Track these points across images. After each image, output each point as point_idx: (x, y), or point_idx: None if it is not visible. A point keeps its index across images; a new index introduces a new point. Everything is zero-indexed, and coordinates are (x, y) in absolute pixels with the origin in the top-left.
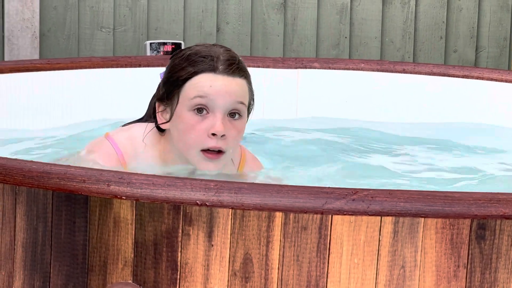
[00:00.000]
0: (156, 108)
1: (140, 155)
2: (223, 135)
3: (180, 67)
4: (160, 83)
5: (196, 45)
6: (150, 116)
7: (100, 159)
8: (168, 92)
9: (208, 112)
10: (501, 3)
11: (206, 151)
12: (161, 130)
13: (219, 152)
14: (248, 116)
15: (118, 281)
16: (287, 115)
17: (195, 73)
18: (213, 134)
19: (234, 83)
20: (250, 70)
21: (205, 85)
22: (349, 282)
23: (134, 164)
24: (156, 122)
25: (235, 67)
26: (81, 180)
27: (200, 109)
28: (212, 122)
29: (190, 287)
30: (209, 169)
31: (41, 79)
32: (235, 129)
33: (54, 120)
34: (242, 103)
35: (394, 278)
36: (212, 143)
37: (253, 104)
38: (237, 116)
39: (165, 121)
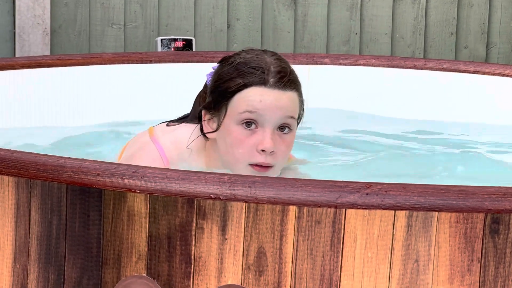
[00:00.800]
0: (203, 116)
1: (184, 161)
2: (272, 152)
3: (228, 77)
4: (205, 84)
5: (246, 52)
6: (195, 117)
7: (147, 163)
8: (215, 102)
9: (257, 127)
10: None
11: (254, 165)
12: (205, 136)
13: (268, 166)
14: (298, 124)
15: (132, 275)
16: None
17: (245, 86)
18: (262, 150)
19: (285, 97)
20: None
21: (255, 99)
22: (363, 276)
23: (180, 166)
24: (201, 127)
25: (286, 79)
26: (95, 173)
27: (249, 123)
28: (261, 137)
29: (203, 280)
30: None
31: (52, 75)
32: (284, 144)
33: (65, 116)
34: (292, 117)
35: (408, 272)
36: (261, 159)
37: (303, 114)
38: (286, 130)
39: (212, 130)
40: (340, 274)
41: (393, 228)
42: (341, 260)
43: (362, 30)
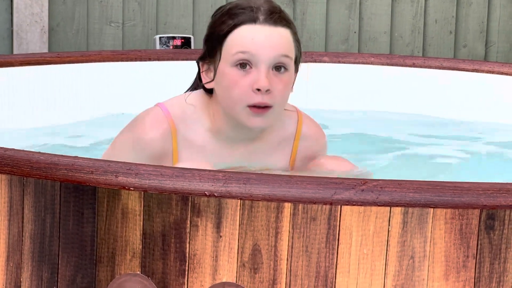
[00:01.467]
0: (200, 68)
1: (189, 117)
2: (268, 90)
3: (220, 21)
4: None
5: (238, 0)
6: (197, 85)
7: (150, 122)
8: (210, 49)
9: (251, 67)
10: None
11: (252, 106)
12: (209, 92)
13: (266, 107)
14: (296, 70)
15: (127, 272)
16: (298, 106)
17: (235, 26)
18: (258, 90)
19: (276, 34)
20: None
21: (246, 38)
22: (358, 273)
23: (183, 126)
24: (200, 79)
25: (277, 16)
26: (89, 171)
27: (243, 64)
28: (256, 77)
29: (198, 278)
30: (258, 124)
31: (51, 72)
32: (281, 83)
33: (64, 113)
34: (286, 56)
35: (403, 268)
36: (258, 99)
37: (301, 57)
38: (282, 69)
39: (209, 80)
40: (336, 271)
41: (389, 225)
42: (337, 257)
43: (361, 28)
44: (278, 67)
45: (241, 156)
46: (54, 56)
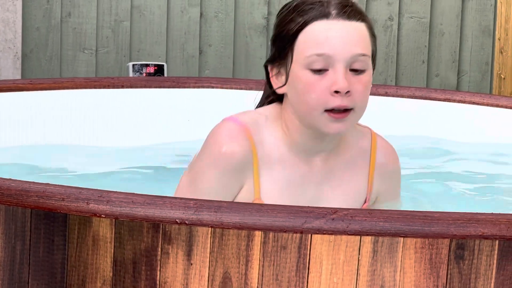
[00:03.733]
0: (269, 72)
1: (263, 127)
2: (347, 92)
3: (287, 19)
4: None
5: None
6: (267, 96)
7: (227, 135)
8: (280, 50)
9: (327, 69)
10: (483, 28)
11: (331, 111)
12: (279, 99)
13: (346, 110)
14: (374, 66)
15: None
16: None
17: (306, 23)
18: (336, 92)
19: (352, 29)
20: (233, 92)
21: (319, 37)
22: None
23: (258, 138)
24: (270, 85)
25: (350, 9)
26: (60, 198)
27: (318, 68)
28: (333, 78)
29: None
30: (338, 130)
31: (23, 99)
32: (361, 84)
33: (35, 140)
34: (364, 55)
35: None
36: (337, 102)
37: (376, 53)
38: (360, 71)
39: (281, 84)
40: None
41: (359, 254)
42: (307, 285)
43: None
44: (355, 70)
45: (320, 174)
46: (27, 82)
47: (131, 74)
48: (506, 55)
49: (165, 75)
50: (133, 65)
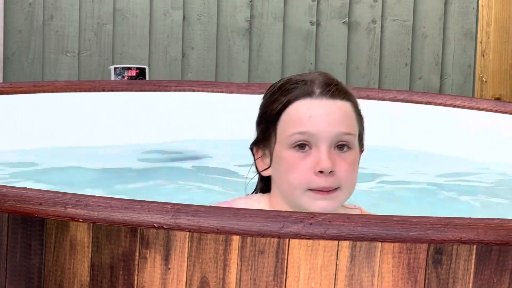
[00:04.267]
0: (255, 155)
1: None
2: (331, 172)
3: (271, 100)
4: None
5: (289, 76)
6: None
7: None
8: (263, 132)
9: (311, 148)
10: (465, 31)
11: (315, 190)
12: (266, 186)
13: (331, 189)
14: (361, 147)
15: None
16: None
17: (289, 102)
18: (320, 172)
19: (335, 108)
20: (215, 95)
21: (302, 115)
22: None
23: None
24: (256, 167)
25: (334, 88)
26: (37, 202)
27: (301, 145)
28: (317, 157)
29: None
30: (324, 208)
31: (3, 103)
32: (346, 162)
33: (16, 144)
34: (348, 133)
35: None
36: (322, 183)
37: (364, 132)
38: (345, 148)
39: (266, 166)
40: None
41: (337, 258)
42: None
43: (317, 60)
44: (340, 146)
45: None
46: (7, 86)
47: (112, 77)
48: (487, 58)
49: (147, 78)
50: (115, 68)
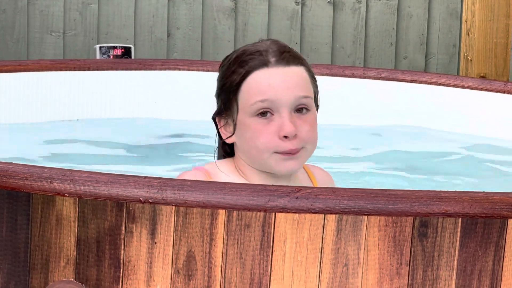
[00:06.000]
0: (218, 124)
1: (222, 174)
2: (295, 135)
3: (229, 71)
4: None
5: (242, 47)
6: (222, 147)
7: (190, 177)
8: (225, 102)
9: (272, 114)
10: (450, 10)
11: (281, 153)
12: (230, 154)
13: (297, 151)
14: (317, 107)
15: (60, 279)
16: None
17: (248, 73)
18: (285, 137)
19: (291, 74)
20: (200, 74)
21: (262, 84)
22: (293, 280)
23: (219, 180)
24: (220, 136)
25: (288, 55)
26: (23, 177)
27: (263, 113)
28: (279, 122)
29: (133, 285)
30: (291, 168)
31: None
32: (307, 124)
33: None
34: (306, 96)
35: (337, 275)
36: (288, 146)
37: (318, 93)
38: (304, 111)
39: (229, 134)
40: (270, 278)
41: (323, 232)
42: (271, 264)
43: (302, 39)
44: (299, 109)
45: None
46: None
47: (98, 56)
48: (472, 37)
49: (133, 57)
50: (100, 47)
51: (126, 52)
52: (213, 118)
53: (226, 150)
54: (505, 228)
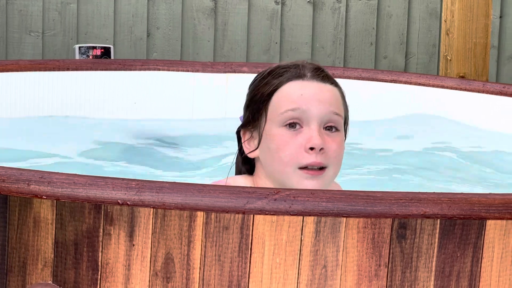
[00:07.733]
0: (242, 138)
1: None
2: (322, 149)
3: (262, 83)
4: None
5: (277, 63)
6: (238, 164)
7: None
8: (253, 113)
9: (302, 126)
10: (430, 10)
11: (305, 168)
12: (250, 168)
13: (321, 168)
14: (346, 133)
15: (38, 282)
16: (217, 117)
17: (281, 83)
18: (311, 149)
19: (325, 90)
20: (180, 74)
21: (295, 94)
22: (271, 282)
23: None
24: (242, 151)
25: (324, 73)
26: (0, 179)
27: (292, 124)
28: (308, 135)
29: (111, 287)
30: (313, 187)
31: None
32: (335, 143)
33: None
34: (337, 114)
35: (316, 277)
36: (311, 159)
37: (348, 118)
38: (334, 129)
39: (253, 148)
40: (248, 280)
41: (302, 234)
42: (249, 266)
43: (282, 39)
44: (329, 128)
45: None
46: None
47: (77, 56)
48: (452, 37)
49: (112, 57)
50: (80, 47)
51: (106, 52)
52: (237, 132)
53: (245, 168)
54: (483, 229)
